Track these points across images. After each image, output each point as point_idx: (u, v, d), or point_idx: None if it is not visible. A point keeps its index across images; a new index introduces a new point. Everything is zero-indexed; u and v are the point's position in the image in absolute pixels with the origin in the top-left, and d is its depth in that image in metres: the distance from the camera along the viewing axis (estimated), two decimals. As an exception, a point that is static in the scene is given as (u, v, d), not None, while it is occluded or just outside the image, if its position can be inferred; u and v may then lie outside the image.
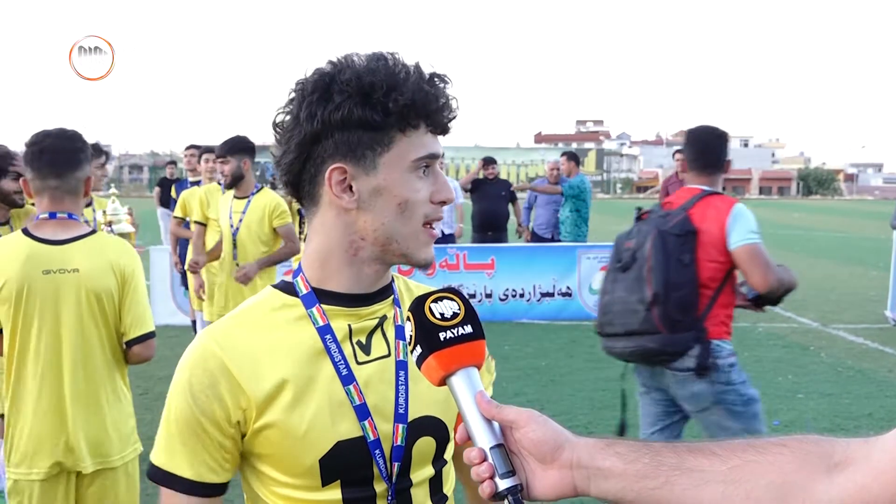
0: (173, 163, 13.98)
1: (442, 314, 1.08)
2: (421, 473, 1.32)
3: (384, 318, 1.33)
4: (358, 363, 1.28)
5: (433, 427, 1.32)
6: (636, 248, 3.43)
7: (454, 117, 1.28)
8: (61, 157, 2.71)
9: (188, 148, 8.81)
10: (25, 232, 2.73)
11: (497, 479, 1.00)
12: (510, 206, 10.81)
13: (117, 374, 2.82)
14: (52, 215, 2.71)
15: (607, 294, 3.53)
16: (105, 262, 2.73)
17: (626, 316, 3.38)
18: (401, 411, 1.29)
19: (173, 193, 9.81)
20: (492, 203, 10.46)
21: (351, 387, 1.26)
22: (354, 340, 1.29)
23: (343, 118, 1.20)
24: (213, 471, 1.26)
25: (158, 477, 1.27)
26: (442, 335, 1.07)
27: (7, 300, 2.64)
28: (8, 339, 2.70)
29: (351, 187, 1.24)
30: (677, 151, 10.86)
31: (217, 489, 1.27)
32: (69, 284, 2.67)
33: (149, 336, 2.81)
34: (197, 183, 7.40)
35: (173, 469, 1.25)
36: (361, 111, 1.19)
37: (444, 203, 1.27)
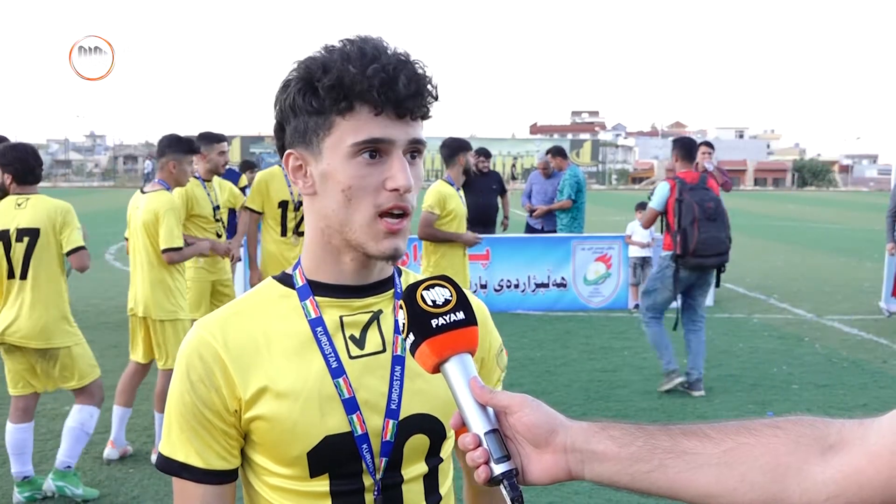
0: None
1: (434, 301, 1.08)
2: (413, 470, 1.30)
3: (380, 312, 1.31)
4: (350, 357, 1.27)
5: (428, 425, 1.30)
6: (715, 206, 6.33)
7: (404, 98, 1.17)
8: (157, 150, 5.27)
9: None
10: (140, 189, 5.25)
11: (492, 464, 1.00)
12: (499, 199, 10.35)
13: (164, 268, 5.03)
14: (154, 181, 5.19)
15: (704, 233, 6.26)
16: (151, 207, 5.00)
17: (718, 245, 6.33)
18: (393, 407, 1.27)
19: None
20: (484, 197, 9.92)
21: (340, 380, 1.24)
22: (347, 334, 1.28)
23: (291, 105, 1.22)
24: (221, 458, 1.25)
25: (168, 467, 1.26)
26: (434, 322, 1.06)
27: (131, 220, 5.16)
28: (129, 241, 5.23)
29: (307, 172, 1.25)
30: (702, 144, 10.74)
31: (228, 476, 1.27)
32: (138, 216, 5.07)
33: (169, 249, 4.95)
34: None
35: (182, 458, 1.24)
36: (302, 97, 1.21)
37: (396, 191, 1.19)
